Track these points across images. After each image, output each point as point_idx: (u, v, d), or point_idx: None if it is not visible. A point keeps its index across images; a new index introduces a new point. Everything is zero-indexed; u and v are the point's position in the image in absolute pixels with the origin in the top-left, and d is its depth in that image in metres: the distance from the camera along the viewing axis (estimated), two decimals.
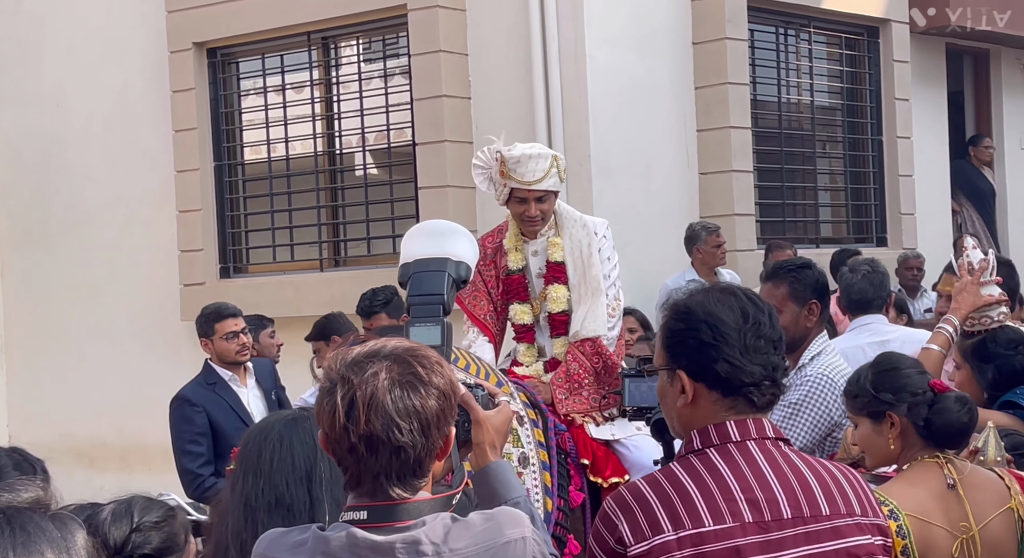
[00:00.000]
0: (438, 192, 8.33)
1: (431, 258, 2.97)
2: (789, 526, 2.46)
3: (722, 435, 2.52)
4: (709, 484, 2.48)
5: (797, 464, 2.52)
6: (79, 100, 10.03)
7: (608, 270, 4.94)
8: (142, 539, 2.61)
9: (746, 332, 2.51)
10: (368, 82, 9.02)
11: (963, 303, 4.17)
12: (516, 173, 4.73)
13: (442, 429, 2.22)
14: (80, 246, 10.04)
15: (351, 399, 2.17)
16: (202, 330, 6.42)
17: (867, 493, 2.56)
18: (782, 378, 2.58)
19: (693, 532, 2.44)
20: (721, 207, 8.83)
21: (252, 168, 9.59)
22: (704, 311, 2.54)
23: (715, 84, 8.79)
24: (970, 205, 11.52)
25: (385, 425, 2.15)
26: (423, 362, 2.22)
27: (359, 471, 2.20)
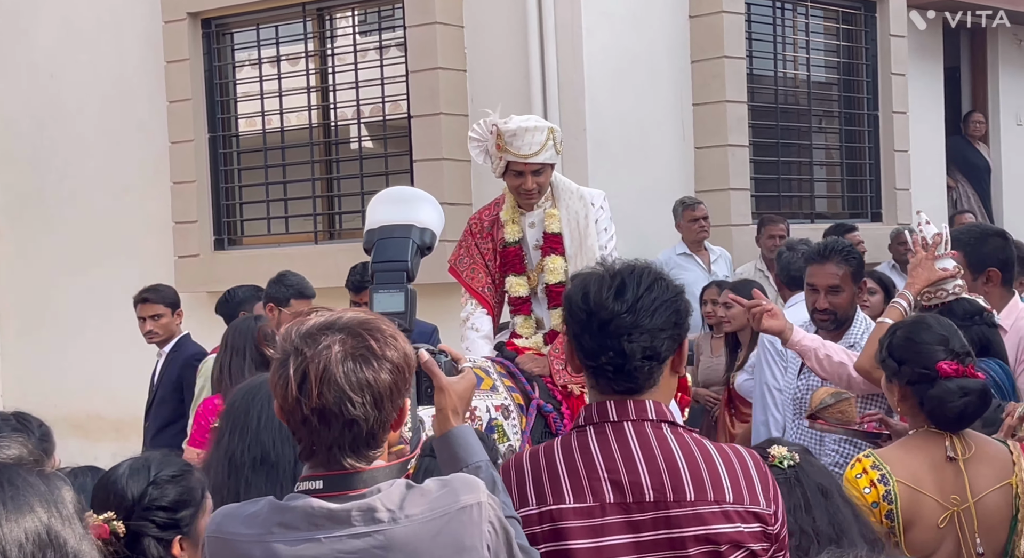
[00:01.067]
0: (433, 165, 8.31)
1: (396, 224, 2.95)
2: (650, 509, 2.47)
3: (601, 414, 2.55)
4: (577, 462, 2.51)
5: (672, 448, 2.51)
6: (73, 71, 9.99)
7: (605, 241, 4.94)
8: (159, 493, 2.66)
9: (593, 317, 2.52)
10: (364, 54, 8.99)
11: (918, 278, 4.23)
12: (512, 146, 4.73)
13: (395, 402, 2.23)
14: (74, 217, 10.02)
15: (303, 372, 2.17)
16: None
17: (756, 480, 2.52)
18: (644, 364, 2.53)
19: (553, 508, 2.48)
20: (716, 181, 8.83)
21: (247, 140, 9.56)
22: (575, 290, 2.58)
23: (711, 58, 8.77)
24: (965, 181, 11.52)
25: (337, 398, 2.16)
26: (376, 335, 2.22)
27: (313, 442, 2.21)
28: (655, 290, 2.55)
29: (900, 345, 3.40)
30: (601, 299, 2.52)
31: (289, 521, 2.21)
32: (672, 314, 2.56)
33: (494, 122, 4.76)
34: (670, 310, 2.55)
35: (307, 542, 2.19)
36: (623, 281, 2.55)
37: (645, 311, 2.52)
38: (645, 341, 2.51)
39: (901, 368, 3.37)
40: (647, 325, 2.52)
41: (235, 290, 7.04)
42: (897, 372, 3.38)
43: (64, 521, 1.38)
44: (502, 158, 4.79)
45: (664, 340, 2.54)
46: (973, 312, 4.15)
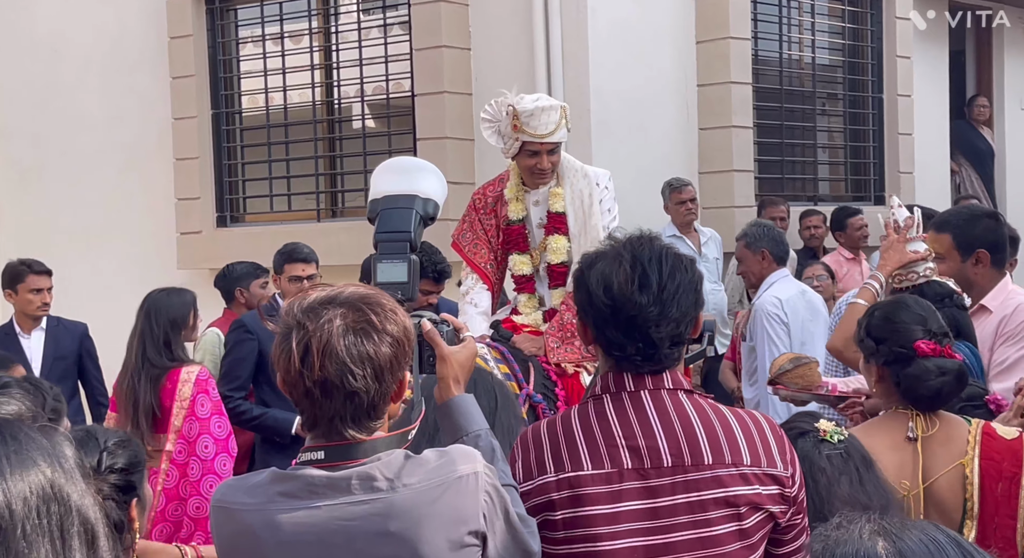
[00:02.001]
0: (437, 143, 8.29)
1: (399, 194, 2.96)
2: (668, 474, 2.49)
3: (619, 384, 2.58)
4: (595, 429, 2.54)
5: (689, 413, 2.54)
6: (76, 46, 9.96)
7: (607, 221, 4.91)
8: (112, 459, 2.74)
9: (620, 312, 2.53)
10: (367, 32, 8.96)
11: (889, 260, 4.27)
12: (529, 126, 4.67)
13: (395, 374, 2.28)
14: (76, 193, 10.00)
15: (306, 345, 2.22)
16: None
17: (772, 443, 2.54)
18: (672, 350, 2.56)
19: (572, 475, 2.51)
20: (720, 163, 8.81)
21: (250, 117, 9.54)
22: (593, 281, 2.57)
23: (717, 38, 8.75)
24: (969, 165, 11.51)
25: (339, 371, 2.21)
26: (376, 309, 2.26)
27: (315, 414, 2.26)
28: (677, 275, 2.55)
29: (878, 325, 3.39)
30: (626, 293, 2.51)
31: (290, 490, 2.26)
32: (693, 294, 2.57)
33: (510, 102, 4.71)
34: (691, 291, 2.56)
35: (307, 510, 2.23)
36: (644, 270, 2.53)
37: (671, 300, 2.53)
38: (672, 329, 2.54)
39: (879, 348, 3.35)
40: (673, 314, 2.53)
41: (234, 265, 7.08)
42: (875, 352, 3.36)
43: (67, 475, 1.39)
44: (517, 139, 4.73)
45: (688, 323, 2.57)
46: (943, 294, 4.17)
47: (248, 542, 2.28)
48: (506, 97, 4.73)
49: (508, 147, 4.79)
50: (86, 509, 1.39)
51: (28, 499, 1.33)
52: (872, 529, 1.50)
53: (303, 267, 6.37)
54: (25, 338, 7.16)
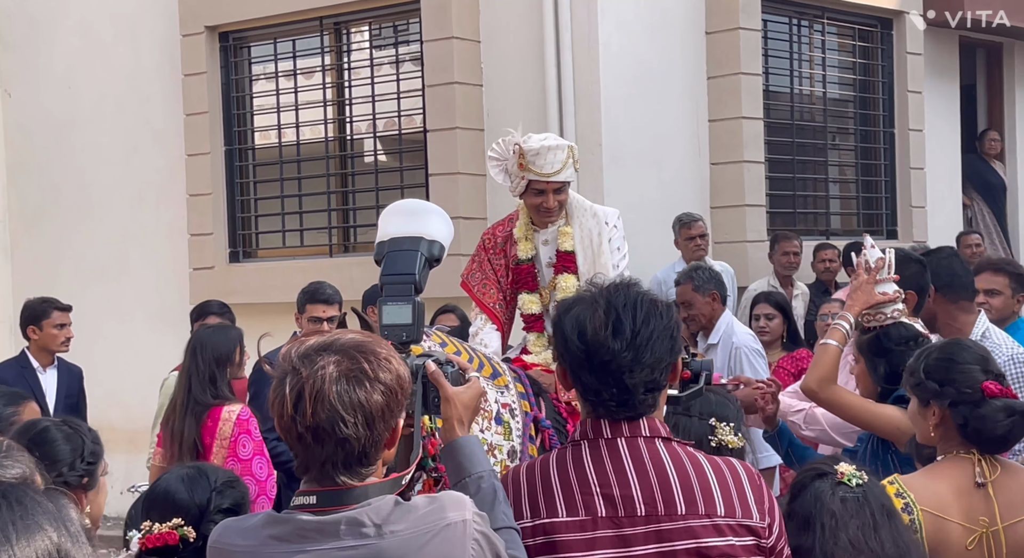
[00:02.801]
0: (449, 179, 8.32)
1: (405, 237, 2.98)
2: (641, 523, 2.49)
3: (596, 430, 2.58)
4: (571, 476, 2.55)
5: (665, 462, 2.54)
6: (91, 82, 10.04)
7: (617, 260, 4.91)
8: (221, 499, 2.87)
9: (593, 357, 2.54)
10: (380, 68, 9.01)
11: (857, 300, 4.30)
12: (535, 165, 4.69)
13: (388, 422, 2.29)
14: (90, 228, 10.05)
15: (299, 391, 2.25)
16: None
17: (748, 493, 2.54)
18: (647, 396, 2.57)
19: (547, 521, 2.53)
20: (732, 197, 8.82)
21: (263, 153, 9.59)
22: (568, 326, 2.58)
23: (728, 74, 8.77)
24: (980, 199, 11.49)
25: (330, 418, 2.23)
26: (370, 357, 2.28)
27: (307, 459, 2.29)
28: (652, 321, 2.55)
29: (939, 367, 3.35)
30: (599, 338, 2.52)
31: (281, 534, 2.29)
32: (669, 341, 2.57)
33: (516, 141, 4.72)
34: (667, 337, 2.56)
35: (297, 554, 2.26)
36: (619, 316, 2.54)
37: (644, 346, 2.53)
38: (646, 375, 2.54)
39: (943, 389, 3.31)
40: (648, 360, 2.53)
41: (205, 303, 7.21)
42: (939, 394, 3.32)
43: (73, 539, 1.38)
44: (524, 177, 4.74)
45: (664, 369, 2.57)
46: (909, 337, 4.21)
47: None
48: (513, 136, 4.74)
49: (515, 185, 4.80)
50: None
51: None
52: None
53: (324, 308, 6.38)
54: (42, 374, 7.26)
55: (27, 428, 3.40)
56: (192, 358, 5.49)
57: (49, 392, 7.16)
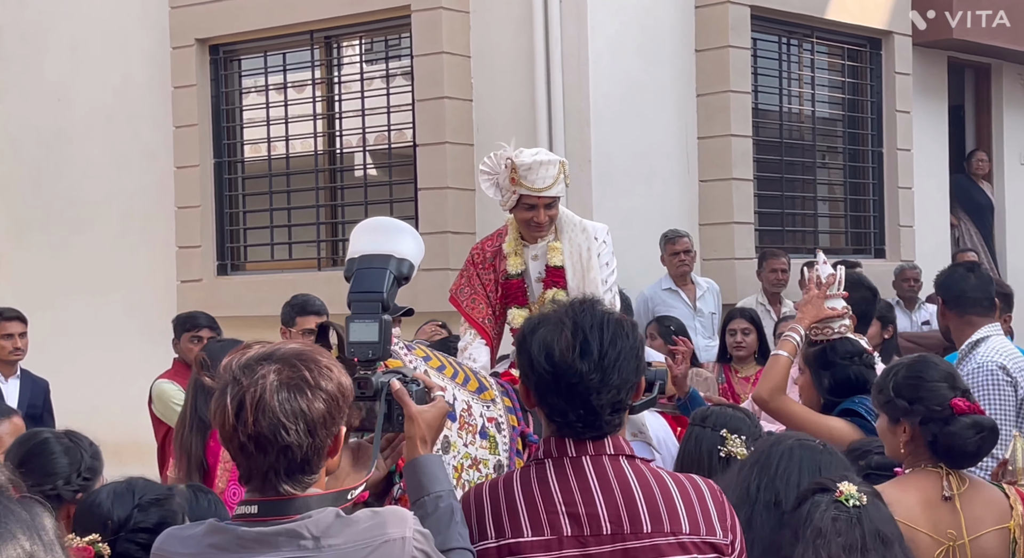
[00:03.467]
0: (438, 194, 8.32)
1: (375, 255, 2.99)
2: (607, 542, 2.50)
3: (560, 449, 2.58)
4: (536, 495, 2.55)
5: (630, 480, 2.55)
6: (81, 94, 10.02)
7: (606, 275, 4.91)
8: (143, 516, 2.77)
9: (561, 379, 2.53)
10: (370, 82, 9.02)
11: (807, 314, 4.43)
12: (527, 180, 4.68)
13: (330, 429, 2.31)
14: (79, 240, 10.02)
15: (240, 400, 2.26)
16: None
17: (712, 510, 2.56)
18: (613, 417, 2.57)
19: (512, 541, 2.52)
20: (720, 215, 8.83)
21: (252, 165, 9.58)
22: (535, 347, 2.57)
23: (717, 92, 8.80)
24: (968, 219, 11.53)
25: (272, 426, 2.25)
26: (311, 366, 2.30)
27: (250, 468, 2.30)
28: (619, 342, 2.55)
29: (908, 385, 3.40)
30: (567, 360, 2.52)
31: (220, 542, 2.31)
32: (634, 361, 2.58)
33: (508, 155, 4.72)
34: (632, 358, 2.57)
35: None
36: (586, 337, 2.53)
37: (612, 367, 2.53)
38: (613, 396, 2.54)
39: (912, 407, 3.36)
40: (615, 381, 2.53)
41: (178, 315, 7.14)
42: (908, 412, 3.37)
43: (46, 548, 1.36)
44: (515, 192, 4.74)
45: (629, 389, 2.58)
46: (854, 352, 4.35)
47: None
48: (505, 150, 4.75)
49: (505, 200, 4.79)
50: None
51: None
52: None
53: (316, 320, 6.36)
54: (4, 384, 7.24)
55: (27, 438, 3.38)
56: (203, 369, 5.41)
57: (11, 403, 7.12)
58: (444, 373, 3.86)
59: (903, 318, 9.23)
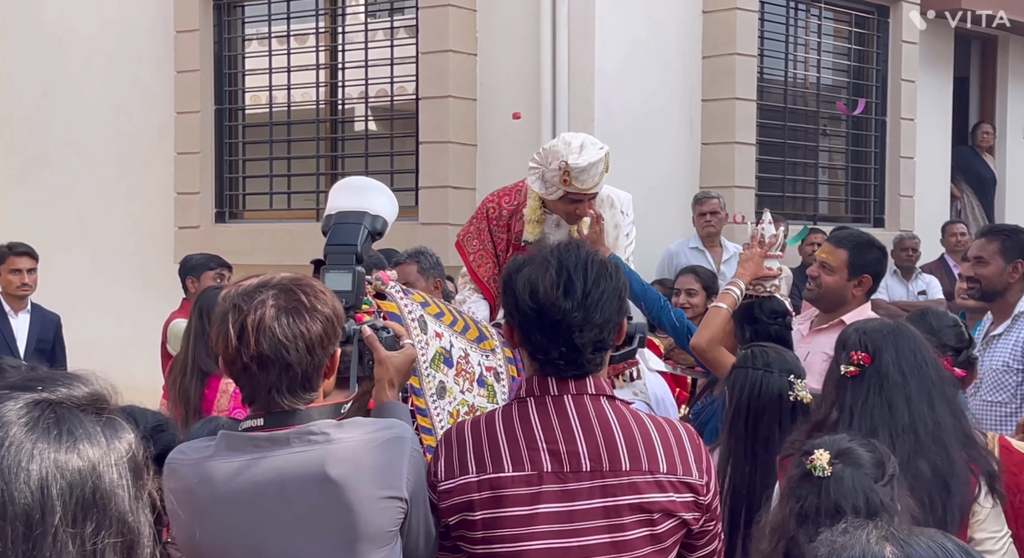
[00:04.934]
0: (439, 148, 8.28)
1: (351, 211, 3.18)
2: (586, 478, 2.56)
3: (543, 388, 2.64)
4: (517, 432, 2.62)
5: (610, 420, 2.61)
6: (82, 36, 9.95)
7: (625, 245, 4.87)
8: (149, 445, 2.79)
9: (544, 316, 2.57)
10: (374, 34, 8.96)
11: (747, 270, 4.60)
12: (578, 180, 4.51)
13: (327, 348, 2.48)
14: (77, 183, 9.99)
15: (242, 324, 2.41)
16: None
17: (689, 452, 2.62)
18: (595, 356, 2.62)
19: (493, 476, 2.59)
20: (722, 178, 8.81)
21: (253, 114, 9.53)
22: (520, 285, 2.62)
23: (723, 54, 8.75)
24: (970, 191, 11.52)
25: (273, 346, 2.41)
26: (307, 290, 2.47)
27: (253, 387, 2.46)
28: (602, 282, 2.60)
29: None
30: (551, 298, 2.56)
31: (234, 444, 2.47)
32: (617, 301, 2.63)
33: (563, 158, 4.49)
34: (615, 298, 2.62)
35: (245, 461, 2.45)
36: (570, 276, 2.58)
37: (594, 306, 2.57)
38: (595, 335, 2.59)
39: None
40: (597, 320, 2.58)
41: (190, 256, 7.28)
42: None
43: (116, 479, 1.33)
44: (563, 189, 4.58)
45: (612, 329, 2.62)
46: (778, 312, 4.53)
47: (187, 495, 2.46)
48: (558, 151, 4.52)
49: (550, 193, 4.61)
50: (129, 517, 1.33)
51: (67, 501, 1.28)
52: (880, 535, 1.49)
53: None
54: (13, 318, 7.28)
55: None
56: (199, 320, 5.37)
57: (20, 336, 7.20)
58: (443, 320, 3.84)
59: (900, 287, 9.24)
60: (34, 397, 1.35)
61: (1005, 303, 4.95)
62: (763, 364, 3.66)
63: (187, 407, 5.20)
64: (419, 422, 3.52)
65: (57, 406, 1.35)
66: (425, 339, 3.56)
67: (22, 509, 1.25)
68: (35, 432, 1.30)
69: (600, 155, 4.58)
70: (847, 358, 3.18)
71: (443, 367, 3.57)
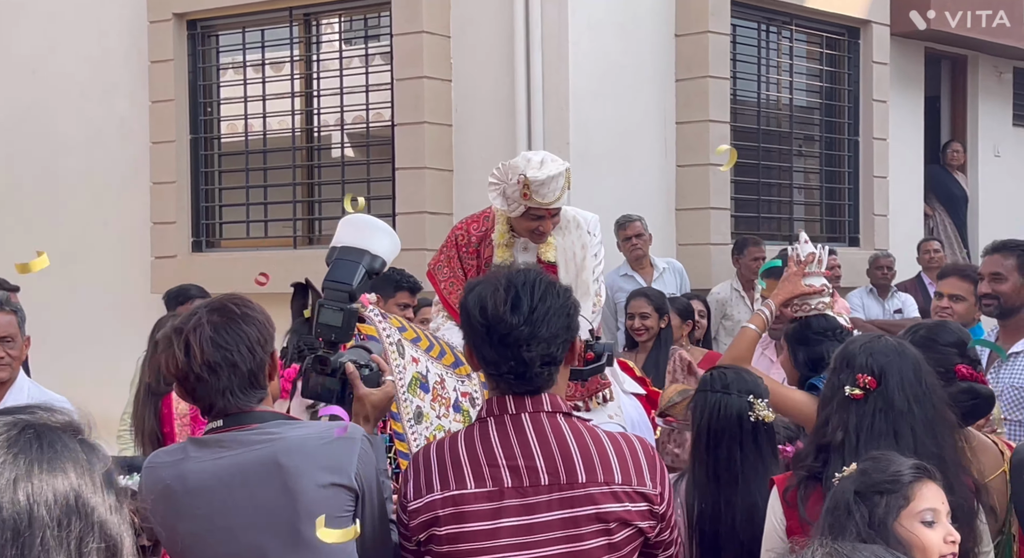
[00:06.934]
0: (415, 173, 8.31)
1: (353, 248, 3.36)
2: (545, 491, 2.69)
3: (501, 407, 2.77)
4: (478, 451, 2.75)
5: (566, 435, 2.74)
6: (56, 67, 9.95)
7: (594, 266, 4.86)
8: None
9: (493, 330, 2.69)
10: (349, 61, 8.99)
11: (782, 290, 4.53)
12: (539, 194, 4.55)
13: (265, 348, 2.76)
14: (52, 215, 9.96)
15: (186, 341, 2.71)
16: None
17: (643, 463, 2.75)
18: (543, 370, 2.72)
19: (456, 493, 2.72)
20: (697, 200, 8.86)
21: (228, 142, 9.54)
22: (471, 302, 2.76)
23: (696, 77, 8.81)
24: (942, 209, 11.60)
25: (217, 351, 2.69)
26: (236, 302, 2.77)
27: (209, 394, 2.73)
28: (548, 299, 2.73)
29: (921, 344, 3.56)
30: (499, 312, 2.69)
31: (201, 445, 2.76)
32: (565, 319, 2.75)
33: (522, 171, 4.54)
34: (563, 315, 2.74)
35: (213, 461, 2.70)
36: (517, 293, 2.71)
37: (541, 321, 2.69)
38: (543, 349, 2.70)
39: None
40: (544, 334, 2.69)
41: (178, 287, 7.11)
42: None
43: (96, 490, 1.40)
44: (524, 205, 4.61)
45: (560, 344, 2.74)
46: (828, 328, 4.47)
47: (165, 493, 2.71)
48: (517, 165, 4.56)
49: (511, 209, 4.64)
50: (111, 526, 1.40)
51: (51, 507, 1.36)
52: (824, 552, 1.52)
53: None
54: None
55: None
56: (153, 350, 5.40)
57: None
58: (420, 345, 3.85)
59: (876, 306, 9.29)
60: (13, 418, 1.43)
61: (1019, 321, 4.89)
62: (721, 386, 3.64)
63: (142, 434, 5.23)
64: (397, 447, 3.53)
65: (37, 426, 1.43)
66: (403, 363, 3.59)
67: (9, 516, 1.33)
68: (16, 446, 1.38)
69: (560, 169, 4.61)
70: (852, 379, 3.20)
71: (420, 392, 3.61)
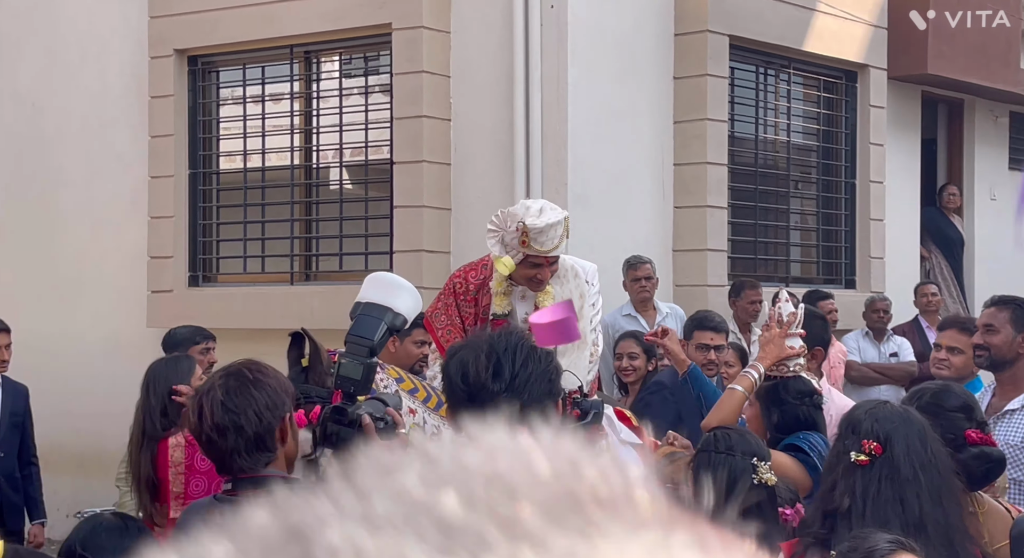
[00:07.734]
0: (413, 212, 8.32)
1: (376, 305, 3.49)
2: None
3: None
4: None
5: None
6: (56, 101, 9.97)
7: (591, 315, 4.86)
8: None
9: (475, 398, 2.70)
10: (348, 98, 9.02)
11: (769, 353, 4.46)
12: (537, 242, 4.57)
13: (275, 413, 2.87)
14: (49, 248, 9.96)
15: (199, 404, 2.89)
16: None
17: None
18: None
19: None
20: (694, 241, 8.87)
21: (227, 177, 9.55)
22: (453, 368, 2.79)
23: (694, 119, 8.85)
24: (939, 252, 11.62)
25: (224, 414, 2.84)
26: (251, 367, 2.92)
27: (220, 454, 2.88)
28: (530, 364, 2.73)
29: (928, 411, 3.56)
30: (480, 379, 2.69)
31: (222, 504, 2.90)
32: (547, 384, 2.76)
33: (521, 219, 4.57)
34: (544, 380, 2.75)
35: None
36: (499, 359, 2.70)
37: (522, 387, 2.69)
38: (524, 415, 2.62)
39: None
40: (525, 400, 2.70)
41: (176, 329, 7.08)
42: None
43: None
44: (522, 252, 4.63)
45: (542, 411, 2.69)
46: (805, 392, 4.44)
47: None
48: (516, 213, 4.61)
49: (512, 255, 4.65)
50: None
51: None
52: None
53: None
54: None
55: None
56: (145, 394, 5.40)
57: None
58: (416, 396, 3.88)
59: (872, 349, 9.29)
60: None
61: (1015, 375, 4.89)
62: (726, 448, 3.63)
63: (138, 480, 5.20)
64: None
65: None
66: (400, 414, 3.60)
67: None
68: None
69: (559, 217, 4.63)
70: (858, 445, 3.19)
71: None
